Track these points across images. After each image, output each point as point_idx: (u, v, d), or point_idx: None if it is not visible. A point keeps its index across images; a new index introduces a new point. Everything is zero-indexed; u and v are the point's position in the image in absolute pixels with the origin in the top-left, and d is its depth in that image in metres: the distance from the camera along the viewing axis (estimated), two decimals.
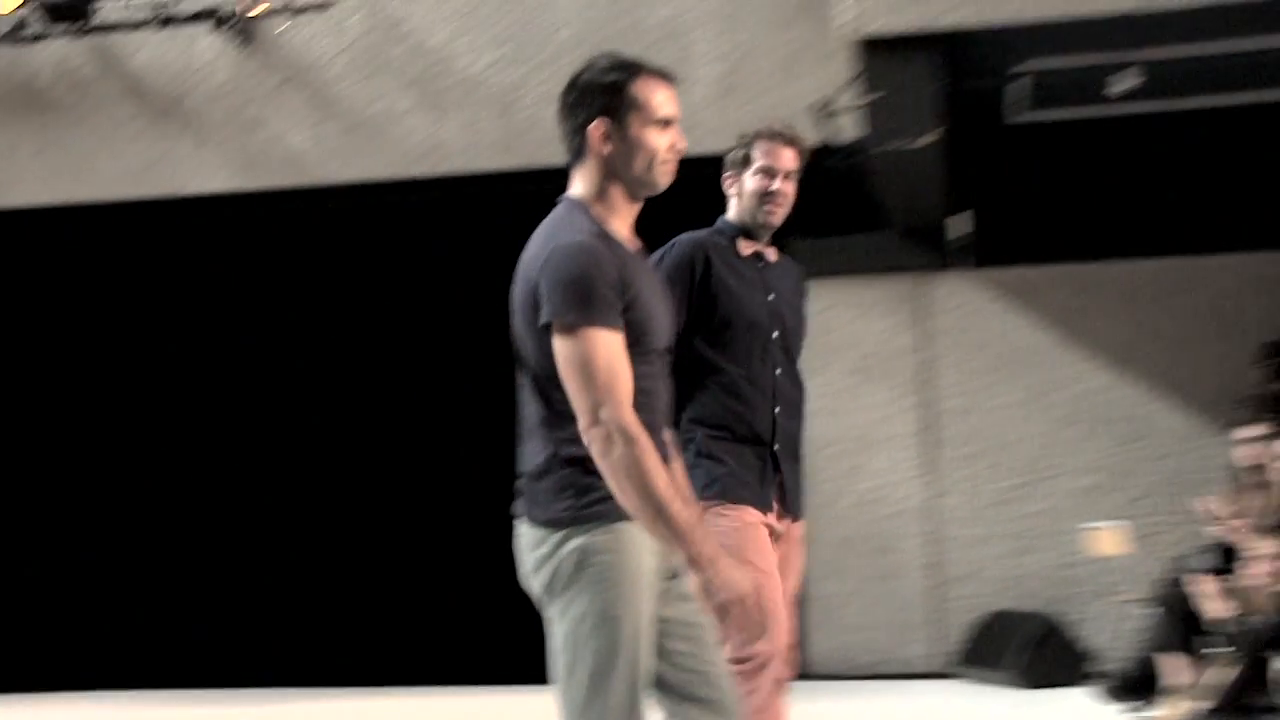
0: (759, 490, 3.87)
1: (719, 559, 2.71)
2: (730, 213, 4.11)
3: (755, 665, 3.70)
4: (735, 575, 2.71)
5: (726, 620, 2.70)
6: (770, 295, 4.02)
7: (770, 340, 3.97)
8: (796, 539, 4.01)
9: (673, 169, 2.92)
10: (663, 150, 2.88)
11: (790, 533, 3.98)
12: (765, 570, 3.75)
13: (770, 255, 4.12)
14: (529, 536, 2.85)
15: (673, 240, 3.98)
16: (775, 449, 3.92)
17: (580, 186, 2.92)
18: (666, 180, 2.92)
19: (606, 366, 2.70)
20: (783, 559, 3.91)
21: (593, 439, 2.70)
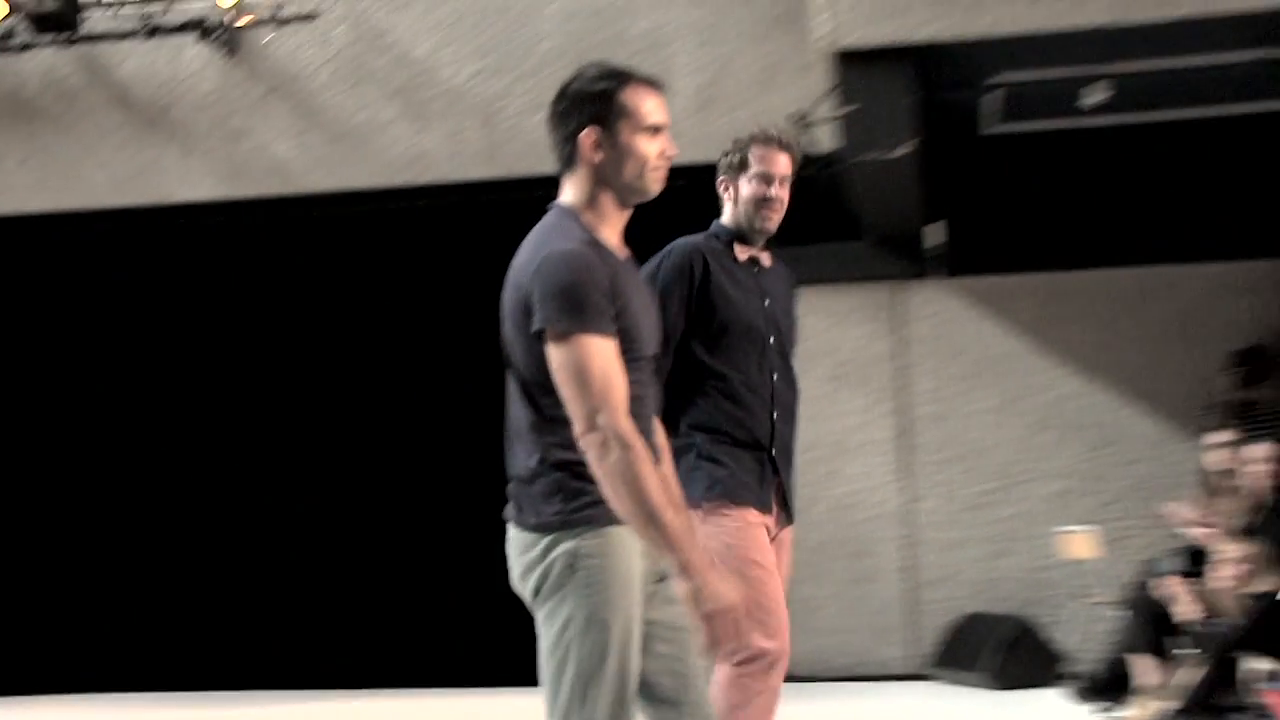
0: (759, 493, 3.85)
1: (707, 568, 2.70)
2: (725, 217, 4.05)
3: (765, 665, 3.68)
4: (722, 586, 2.70)
5: (711, 629, 2.68)
6: (766, 300, 3.98)
7: (767, 345, 3.93)
8: (787, 543, 4.00)
9: (664, 175, 2.89)
10: (653, 157, 2.85)
11: (782, 536, 3.96)
12: (768, 569, 3.75)
13: (765, 260, 4.07)
14: (519, 541, 2.82)
15: (669, 245, 3.94)
16: (773, 453, 3.90)
17: (571, 194, 2.89)
18: (658, 186, 2.89)
19: (601, 373, 2.68)
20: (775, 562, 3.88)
21: (589, 445, 2.68)
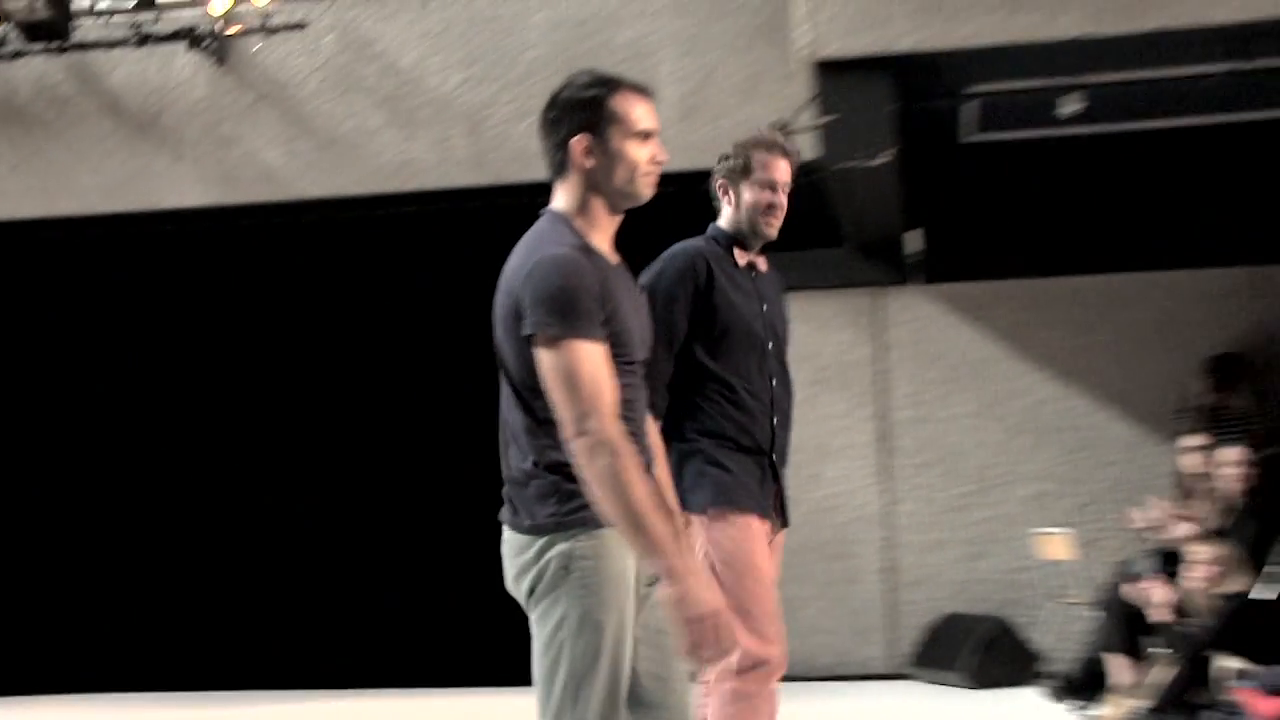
0: (760, 498, 3.84)
1: (691, 574, 2.69)
2: (723, 221, 4.00)
3: (765, 673, 3.68)
4: (705, 592, 2.68)
5: (692, 634, 2.67)
6: (764, 305, 3.95)
7: (766, 350, 3.90)
8: (779, 547, 3.99)
9: (655, 180, 2.90)
10: (644, 162, 2.86)
11: (776, 541, 3.95)
12: (768, 579, 3.75)
13: (761, 265, 4.03)
14: (514, 543, 2.82)
15: (671, 250, 3.90)
16: (773, 458, 3.88)
17: (562, 200, 2.89)
18: (649, 191, 2.89)
19: (591, 378, 2.68)
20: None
21: (578, 449, 2.67)
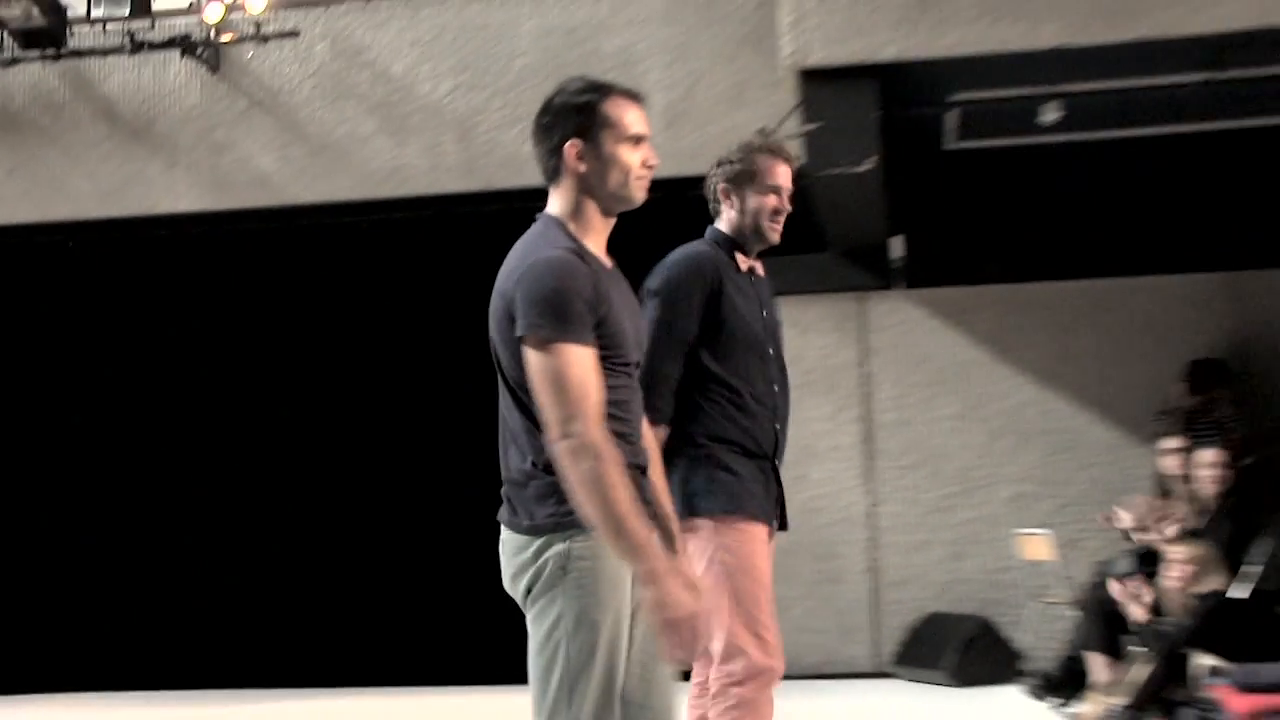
0: (765, 504, 3.81)
1: (669, 577, 2.68)
2: (723, 225, 3.94)
3: (764, 681, 3.66)
4: (683, 595, 2.68)
5: (671, 635, 2.67)
6: (764, 310, 3.92)
7: (767, 355, 3.87)
8: (772, 549, 3.94)
9: (647, 184, 2.90)
10: (636, 166, 2.87)
11: (772, 544, 3.91)
12: (769, 587, 3.73)
13: (759, 269, 4.00)
14: (512, 543, 2.81)
15: (680, 253, 3.85)
16: (775, 463, 3.86)
17: (556, 205, 2.90)
18: (641, 195, 2.90)
19: (578, 382, 2.67)
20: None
21: (561, 451, 2.67)
